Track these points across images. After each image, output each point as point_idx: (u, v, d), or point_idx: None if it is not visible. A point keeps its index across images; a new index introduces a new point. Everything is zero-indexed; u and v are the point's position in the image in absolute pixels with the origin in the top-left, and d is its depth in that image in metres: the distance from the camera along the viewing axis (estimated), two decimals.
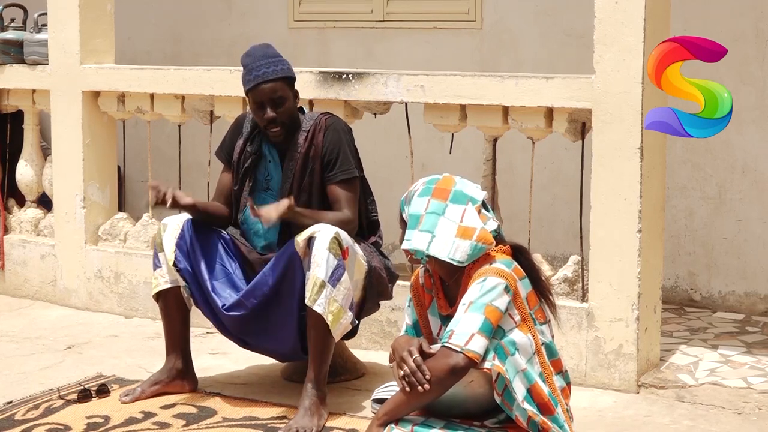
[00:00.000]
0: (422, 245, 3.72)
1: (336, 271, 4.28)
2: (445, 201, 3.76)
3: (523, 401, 3.64)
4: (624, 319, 4.64)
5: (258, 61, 4.52)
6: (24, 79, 6.27)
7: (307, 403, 4.27)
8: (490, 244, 3.73)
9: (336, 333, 4.32)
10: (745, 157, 5.98)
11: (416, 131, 5.39)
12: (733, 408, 4.44)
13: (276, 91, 4.49)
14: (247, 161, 4.62)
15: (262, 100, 4.50)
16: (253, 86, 4.50)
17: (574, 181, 5.04)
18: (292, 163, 4.56)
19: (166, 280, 4.57)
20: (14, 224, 6.49)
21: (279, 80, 4.50)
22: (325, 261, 4.26)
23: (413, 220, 3.77)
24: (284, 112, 4.52)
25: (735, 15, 5.92)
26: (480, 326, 3.60)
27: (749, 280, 6.01)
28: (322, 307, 4.26)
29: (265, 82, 4.48)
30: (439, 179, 3.83)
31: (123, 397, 4.54)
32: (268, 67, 4.50)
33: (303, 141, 4.56)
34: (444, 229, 3.72)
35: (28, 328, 5.77)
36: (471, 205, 3.76)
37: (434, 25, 6.87)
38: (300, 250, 4.33)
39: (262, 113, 4.51)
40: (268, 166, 4.63)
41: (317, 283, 4.27)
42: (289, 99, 4.54)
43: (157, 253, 4.58)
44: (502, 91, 4.88)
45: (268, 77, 4.49)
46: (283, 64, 4.56)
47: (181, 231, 4.55)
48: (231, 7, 7.59)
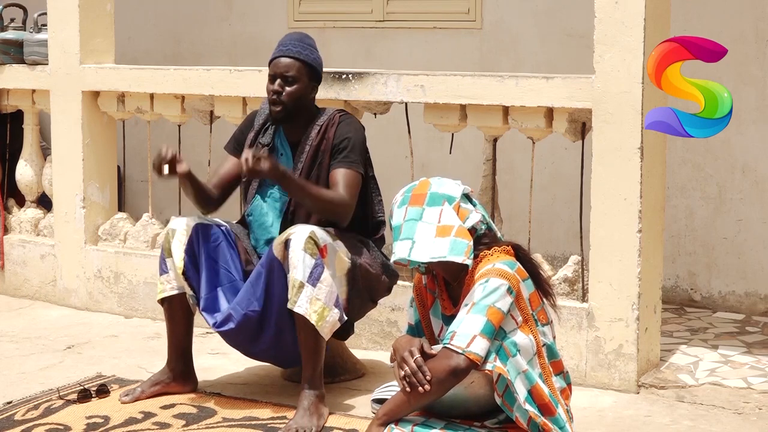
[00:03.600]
0: (403, 253, 3.72)
1: (315, 271, 4.26)
2: (422, 206, 3.76)
3: (524, 402, 3.64)
4: (624, 319, 4.64)
5: (291, 40, 4.59)
6: (24, 79, 6.27)
7: (305, 403, 4.27)
8: (468, 240, 3.72)
9: (324, 331, 4.30)
10: (745, 157, 5.98)
11: (416, 131, 5.39)
12: (733, 408, 4.44)
13: (290, 68, 4.52)
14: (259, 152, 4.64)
15: (275, 73, 4.53)
16: (273, 57, 4.56)
17: (574, 181, 5.04)
18: (303, 156, 4.56)
19: (173, 286, 4.55)
20: (14, 224, 6.49)
21: (298, 61, 4.53)
22: (302, 261, 4.25)
23: (395, 232, 3.79)
24: (292, 93, 4.51)
25: (735, 15, 5.92)
26: (482, 328, 3.60)
27: (749, 280, 6.01)
28: (303, 308, 4.25)
29: (284, 56, 4.53)
30: (415, 185, 3.85)
31: (123, 397, 4.54)
32: (295, 47, 4.55)
33: (315, 134, 4.57)
34: (423, 233, 3.72)
35: (28, 328, 5.77)
36: (447, 205, 3.76)
37: (434, 25, 6.87)
38: (279, 253, 4.32)
39: (270, 86, 4.54)
40: (279, 159, 4.62)
41: (296, 285, 4.26)
42: (301, 82, 4.53)
43: (165, 258, 4.55)
44: (502, 91, 4.88)
45: (290, 54, 4.53)
46: (312, 53, 4.59)
47: (189, 237, 4.52)
48: (231, 7, 7.59)
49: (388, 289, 4.69)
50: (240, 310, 4.38)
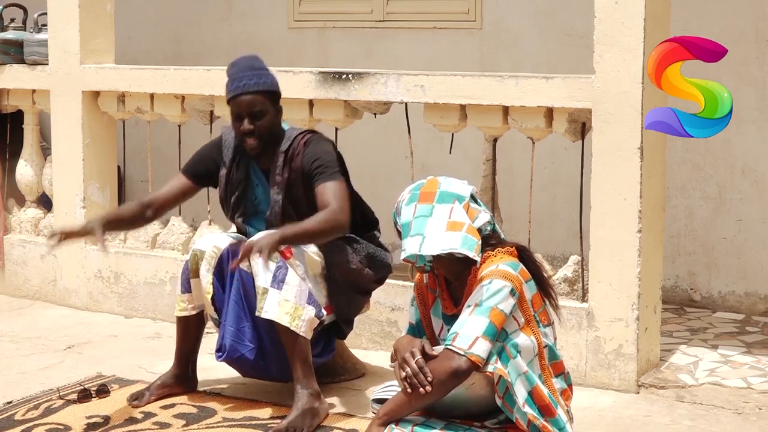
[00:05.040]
0: (414, 248, 3.71)
1: (278, 273, 4.28)
2: (432, 203, 3.76)
3: (524, 404, 3.64)
4: (624, 319, 4.64)
5: (242, 72, 4.48)
6: (24, 79, 6.27)
7: (299, 403, 4.27)
8: (478, 239, 3.72)
9: (302, 330, 4.30)
10: (745, 157, 5.98)
11: (416, 131, 5.39)
12: (733, 408, 4.44)
13: (255, 104, 4.44)
14: (236, 189, 4.59)
15: (240, 112, 4.45)
16: (233, 96, 4.47)
17: (574, 181, 5.04)
18: (276, 188, 4.51)
19: (194, 306, 4.57)
20: (14, 224, 6.50)
21: (260, 93, 4.45)
22: (262, 268, 4.27)
23: (405, 229, 3.78)
24: (263, 125, 4.45)
25: (735, 15, 5.91)
26: (484, 330, 3.60)
27: (749, 280, 6.01)
28: (270, 312, 4.26)
29: (245, 94, 4.44)
30: (424, 183, 3.84)
31: (133, 402, 4.53)
32: (251, 79, 4.45)
33: (282, 164, 4.49)
34: (433, 228, 3.71)
35: (28, 328, 5.77)
36: (458, 203, 3.76)
37: (434, 25, 6.87)
38: (244, 266, 4.35)
39: (239, 124, 4.47)
40: (255, 190, 4.60)
41: (260, 291, 4.29)
42: (268, 113, 4.47)
43: (189, 278, 4.54)
44: (502, 91, 4.88)
45: (249, 89, 4.44)
46: (267, 78, 4.50)
47: (218, 261, 4.49)
48: (231, 7, 7.59)
49: (378, 280, 4.66)
50: (230, 339, 4.41)
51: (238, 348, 4.42)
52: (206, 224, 5.83)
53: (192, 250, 4.56)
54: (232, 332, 4.41)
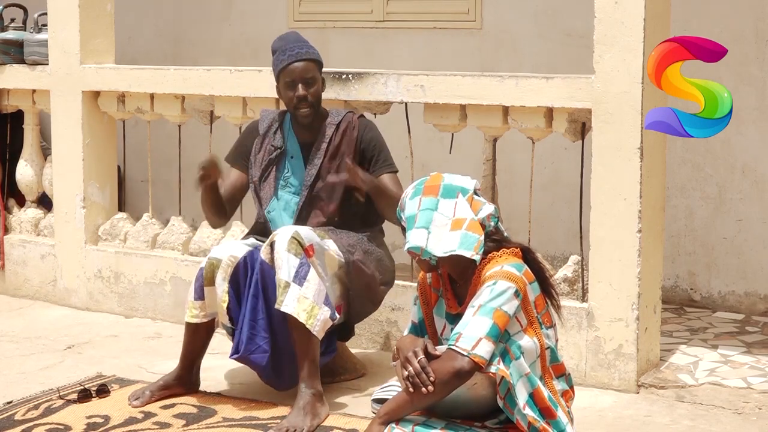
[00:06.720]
0: (421, 242, 3.73)
1: (300, 270, 4.29)
2: (436, 196, 3.79)
3: (524, 406, 3.64)
4: (624, 319, 4.64)
5: (291, 43, 4.65)
6: (24, 79, 6.27)
7: (300, 402, 4.27)
8: (480, 235, 3.73)
9: (315, 330, 4.30)
10: (745, 157, 5.98)
11: (416, 131, 5.39)
12: (733, 408, 4.44)
13: (308, 70, 4.61)
14: (272, 153, 4.67)
15: (294, 79, 4.59)
16: (286, 65, 4.60)
17: (574, 181, 5.04)
18: (319, 154, 4.62)
19: (206, 314, 4.57)
20: (14, 224, 6.50)
21: (311, 61, 4.63)
22: (286, 262, 4.28)
23: (410, 221, 3.79)
24: (315, 93, 4.63)
25: (735, 15, 5.92)
26: (488, 331, 3.60)
27: (749, 280, 6.01)
28: (290, 307, 4.27)
29: (299, 61, 4.59)
30: (427, 178, 3.87)
31: (133, 401, 4.52)
32: (302, 48, 4.64)
33: (332, 133, 4.65)
34: (438, 225, 3.73)
35: (28, 328, 5.77)
36: (462, 197, 3.78)
37: (434, 25, 6.87)
38: (266, 256, 4.36)
39: (293, 92, 4.59)
40: (289, 162, 4.66)
41: (281, 285, 4.29)
42: (318, 82, 4.65)
43: (203, 285, 4.54)
44: (502, 91, 4.88)
45: (302, 56, 4.61)
46: (314, 49, 4.69)
47: (234, 269, 4.50)
48: (231, 7, 7.59)
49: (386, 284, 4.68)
50: (250, 335, 4.42)
51: (251, 347, 4.42)
52: (206, 224, 5.82)
53: (208, 258, 4.57)
54: (247, 327, 4.40)
